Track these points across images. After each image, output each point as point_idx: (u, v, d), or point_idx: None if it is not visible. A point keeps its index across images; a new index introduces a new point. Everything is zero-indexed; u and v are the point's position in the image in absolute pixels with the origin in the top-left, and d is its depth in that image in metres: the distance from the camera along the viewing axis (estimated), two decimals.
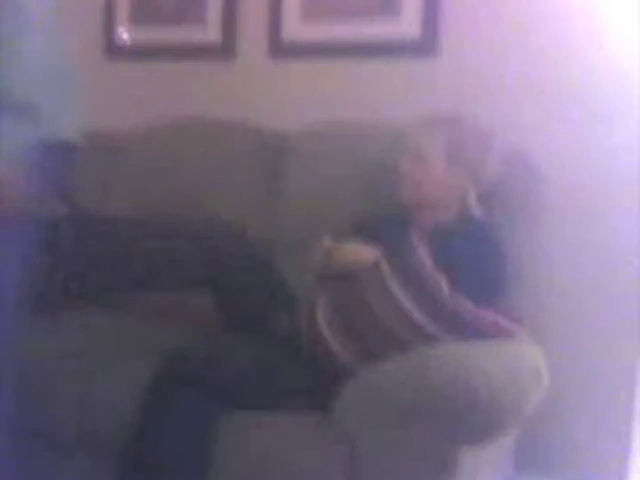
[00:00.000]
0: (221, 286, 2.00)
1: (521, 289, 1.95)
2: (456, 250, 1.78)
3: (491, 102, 2.19)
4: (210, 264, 1.99)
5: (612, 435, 2.11)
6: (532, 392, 1.60)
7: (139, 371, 1.77)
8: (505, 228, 1.95)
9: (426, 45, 2.32)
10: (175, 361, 1.73)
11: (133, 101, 2.79)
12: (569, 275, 2.15)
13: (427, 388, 1.52)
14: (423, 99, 2.26)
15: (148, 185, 2.51)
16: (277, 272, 2.09)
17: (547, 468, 2.16)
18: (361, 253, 1.81)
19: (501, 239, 1.89)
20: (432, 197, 1.95)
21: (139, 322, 2.16)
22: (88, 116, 2.71)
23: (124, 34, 2.82)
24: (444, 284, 1.64)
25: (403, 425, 1.56)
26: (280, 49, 2.56)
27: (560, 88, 2.15)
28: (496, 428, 1.56)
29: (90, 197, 2.57)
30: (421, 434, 1.55)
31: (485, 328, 1.64)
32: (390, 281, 1.67)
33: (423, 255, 1.67)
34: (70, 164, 2.46)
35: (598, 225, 2.11)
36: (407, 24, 2.35)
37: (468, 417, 1.50)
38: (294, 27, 2.53)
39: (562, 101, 2.15)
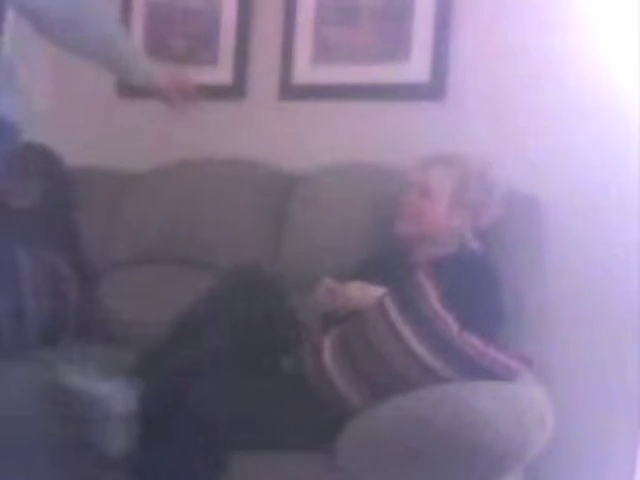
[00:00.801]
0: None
1: (521, 322, 1.95)
2: (456, 284, 1.78)
3: (496, 143, 2.21)
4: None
5: (617, 469, 2.08)
6: (536, 436, 1.58)
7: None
8: (503, 261, 1.96)
9: (434, 89, 2.35)
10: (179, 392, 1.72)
11: (142, 140, 2.81)
12: (570, 307, 2.15)
13: (430, 428, 1.50)
14: (430, 141, 2.28)
15: (157, 224, 2.53)
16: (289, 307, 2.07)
17: None
18: (365, 291, 1.81)
19: (498, 272, 1.89)
20: (431, 232, 1.97)
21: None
22: (97, 154, 2.77)
23: None
24: (451, 321, 1.63)
25: (406, 466, 1.54)
26: (290, 90, 2.59)
27: (564, 130, 2.17)
28: (498, 471, 1.54)
29: (97, 234, 2.59)
30: (424, 475, 1.54)
31: (491, 366, 1.63)
32: (396, 319, 1.66)
33: (429, 291, 1.67)
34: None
35: (598, 257, 2.12)
36: (416, 69, 2.38)
37: (471, 459, 1.49)
38: (305, 69, 2.56)
39: (566, 143, 2.17)
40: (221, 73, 2.70)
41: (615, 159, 2.11)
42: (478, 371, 1.62)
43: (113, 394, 1.65)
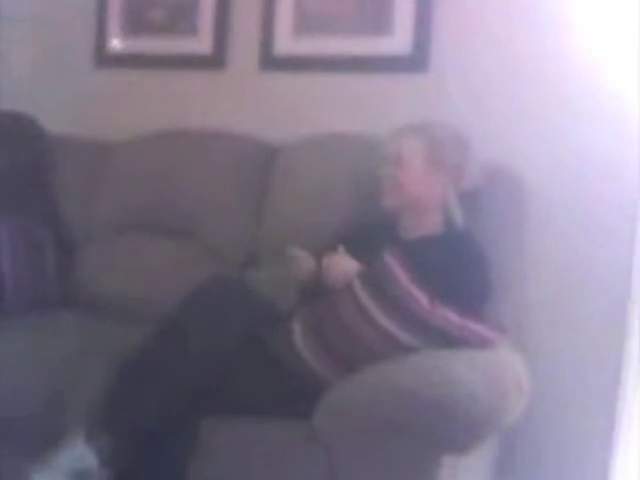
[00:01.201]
0: None
1: (504, 297, 1.96)
2: (439, 260, 1.81)
3: (477, 115, 2.21)
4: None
5: (594, 444, 2.11)
6: (514, 402, 1.61)
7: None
8: (488, 236, 1.97)
9: (416, 61, 2.34)
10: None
11: (121, 110, 2.79)
12: (552, 282, 2.16)
13: (407, 398, 1.52)
14: (411, 113, 2.26)
15: (134, 193, 2.51)
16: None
17: (529, 473, 2.16)
18: (344, 265, 1.84)
19: (483, 248, 1.91)
20: (413, 201, 1.98)
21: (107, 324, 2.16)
22: (77, 122, 2.74)
23: (115, 43, 2.83)
24: (422, 297, 1.65)
25: (382, 434, 1.56)
26: (271, 61, 2.57)
27: (545, 102, 2.18)
28: (477, 438, 1.55)
29: (75, 202, 2.57)
30: (400, 443, 1.56)
31: (468, 338, 1.65)
32: (363, 297, 1.68)
33: (397, 271, 1.69)
34: None
35: (581, 233, 2.13)
36: (398, 41, 2.37)
37: (449, 427, 1.50)
38: (286, 40, 2.54)
39: (547, 114, 2.17)
40: (201, 43, 2.68)
41: (597, 139, 2.12)
42: (451, 341, 1.64)
43: None
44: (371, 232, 2.02)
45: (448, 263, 1.81)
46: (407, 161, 1.97)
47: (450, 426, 1.50)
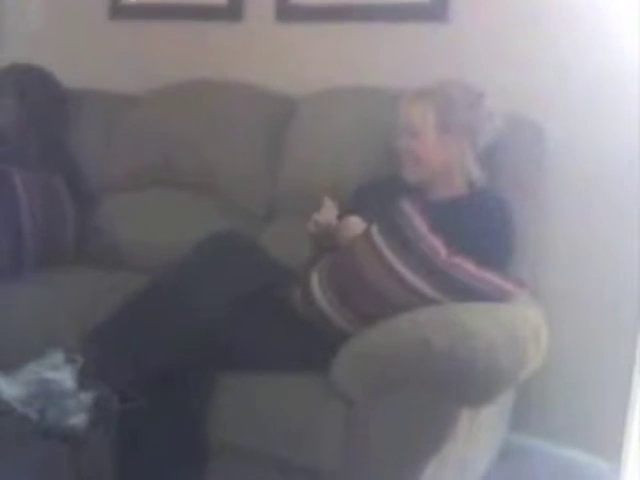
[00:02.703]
0: None
1: (525, 252, 1.95)
2: (464, 221, 1.79)
3: (498, 65, 2.17)
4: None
5: (610, 398, 2.12)
6: (531, 355, 1.60)
7: None
8: (508, 187, 1.94)
9: (436, 10, 2.29)
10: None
11: (137, 61, 2.77)
12: (573, 238, 2.15)
13: (425, 350, 1.51)
14: (431, 64, 2.25)
15: (152, 146, 2.50)
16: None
17: (543, 429, 2.18)
18: (354, 228, 1.81)
19: (507, 207, 1.88)
20: (433, 169, 1.94)
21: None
22: (92, 75, 2.73)
23: None
24: (440, 246, 1.63)
25: (400, 386, 1.57)
26: (287, 11, 2.53)
27: (567, 53, 2.13)
28: (494, 390, 1.56)
29: (92, 155, 2.57)
30: (419, 395, 1.56)
31: (486, 290, 1.64)
32: (381, 246, 1.66)
33: (416, 220, 1.66)
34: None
35: (602, 187, 2.11)
36: None
37: (467, 379, 1.50)
38: None
39: (568, 65, 2.13)
40: None
41: (617, 89, 2.08)
42: (469, 293, 1.63)
43: None
44: (392, 188, 1.97)
45: (473, 224, 1.78)
46: (419, 131, 1.92)
47: (468, 378, 1.50)
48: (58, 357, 1.62)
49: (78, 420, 1.56)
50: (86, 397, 1.58)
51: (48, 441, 1.57)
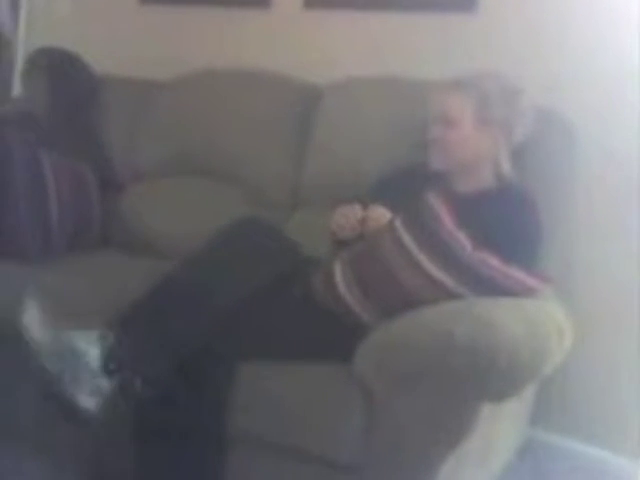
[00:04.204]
0: None
1: (551, 249, 1.92)
2: (491, 214, 1.77)
3: (528, 58, 2.15)
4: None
5: (631, 395, 2.10)
6: (553, 350, 1.58)
7: None
8: (536, 183, 1.92)
9: (465, 0, 2.27)
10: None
11: (165, 48, 2.78)
12: (600, 236, 2.13)
13: (448, 342, 1.50)
14: (460, 53, 2.23)
15: (179, 131, 2.51)
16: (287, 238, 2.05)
17: (565, 426, 2.17)
18: (380, 219, 1.78)
19: (535, 203, 1.86)
20: (464, 160, 1.92)
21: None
22: (120, 60, 2.74)
23: None
24: (465, 241, 1.62)
25: (422, 378, 1.56)
26: None
27: (601, 48, 2.10)
28: (516, 384, 1.54)
29: (120, 142, 2.58)
30: (440, 388, 1.55)
31: (511, 285, 1.62)
32: (406, 240, 1.65)
33: (442, 213, 1.65)
34: None
35: (630, 188, 2.08)
36: None
37: (488, 373, 1.49)
38: None
39: (599, 61, 2.10)
40: None
41: None
42: (493, 288, 1.61)
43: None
44: (416, 177, 1.97)
45: (498, 218, 1.76)
46: (455, 121, 1.89)
47: (490, 372, 1.48)
48: (93, 334, 1.62)
49: (89, 403, 1.57)
50: (104, 383, 1.59)
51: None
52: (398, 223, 1.68)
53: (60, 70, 2.54)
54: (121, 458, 1.75)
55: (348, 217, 1.82)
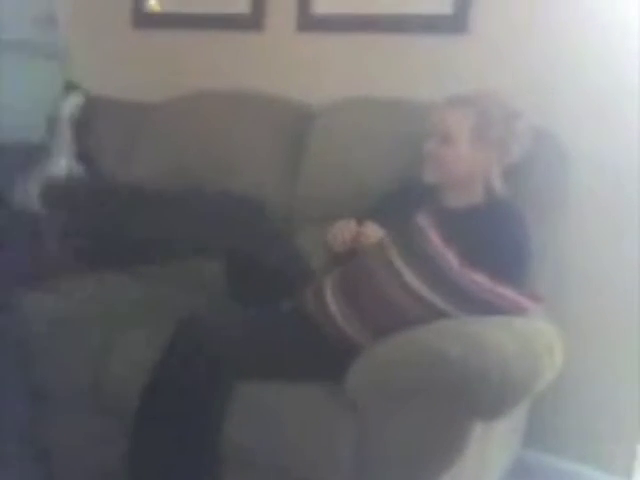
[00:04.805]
0: (233, 257, 2.01)
1: (543, 267, 1.93)
2: (480, 229, 1.78)
3: (518, 78, 2.16)
4: (224, 234, 1.99)
5: (622, 415, 2.10)
6: (544, 369, 1.59)
7: (155, 335, 1.79)
8: (528, 202, 1.93)
9: (457, 21, 2.30)
10: (185, 328, 1.73)
11: (159, 70, 2.79)
12: (591, 255, 2.13)
13: (439, 364, 1.50)
14: (452, 75, 2.24)
15: (173, 153, 2.52)
16: (294, 247, 2.09)
17: (556, 446, 2.16)
18: (372, 235, 1.80)
19: (524, 219, 1.87)
20: (456, 176, 1.93)
21: (156, 287, 2.17)
22: (115, 83, 2.76)
23: (153, 2, 2.82)
24: (454, 260, 1.63)
25: (414, 397, 1.55)
26: (309, 21, 2.54)
27: (588, 67, 2.12)
28: (508, 402, 1.53)
29: (113, 163, 2.59)
30: (432, 407, 1.55)
31: (500, 304, 1.63)
32: (395, 259, 1.65)
33: (430, 233, 1.66)
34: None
35: (623, 206, 2.09)
36: (439, 0, 2.31)
37: (479, 394, 1.48)
38: (324, 0, 2.50)
39: (590, 79, 2.12)
40: (239, 3, 2.65)
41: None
42: (482, 306, 1.61)
43: None
44: (409, 196, 1.99)
45: (487, 234, 1.77)
46: (452, 137, 1.90)
47: (481, 390, 1.48)
48: None
49: None
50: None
51: None
52: (388, 242, 1.69)
53: None
54: (117, 470, 1.73)
55: (342, 231, 1.83)
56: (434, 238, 1.65)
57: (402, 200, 1.96)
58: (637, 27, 2.05)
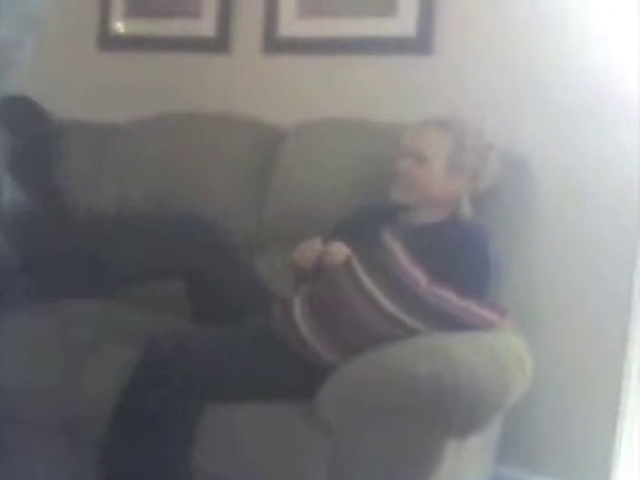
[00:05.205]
0: (192, 278, 2.03)
1: (511, 287, 1.95)
2: (443, 245, 1.79)
3: (483, 99, 2.19)
4: (183, 256, 2.02)
5: (598, 428, 2.11)
6: (516, 383, 1.60)
7: (120, 357, 1.78)
8: (497, 226, 1.95)
9: (421, 43, 2.33)
10: (149, 348, 1.72)
11: (125, 92, 2.78)
12: (559, 274, 2.15)
13: (410, 382, 1.51)
14: (417, 96, 2.27)
15: (139, 177, 2.50)
16: (251, 270, 2.10)
17: (530, 460, 2.16)
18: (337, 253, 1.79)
19: (488, 237, 1.88)
20: (427, 198, 1.94)
21: (120, 308, 2.15)
22: (80, 106, 2.74)
23: (118, 25, 2.82)
24: (421, 277, 1.64)
25: (386, 416, 1.55)
26: (275, 44, 2.56)
27: (554, 87, 2.15)
28: (480, 418, 1.54)
29: (80, 185, 2.56)
30: (404, 426, 1.55)
31: (468, 319, 1.64)
32: (363, 277, 1.66)
33: (396, 250, 1.67)
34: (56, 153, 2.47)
35: (589, 226, 2.12)
36: (403, 23, 2.35)
37: (452, 411, 1.49)
38: (289, 22, 2.53)
39: (555, 99, 2.15)
40: (204, 25, 2.67)
41: (610, 125, 2.09)
42: (450, 322, 1.63)
43: None
44: (375, 215, 1.99)
45: (455, 249, 1.79)
46: (429, 159, 1.91)
47: (454, 407, 1.49)
48: None
49: None
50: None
51: None
52: (355, 261, 1.69)
53: (25, 119, 2.53)
54: None
55: (308, 249, 1.83)
56: (401, 256, 1.66)
57: (368, 218, 1.97)
58: (602, 43, 2.09)
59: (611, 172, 2.09)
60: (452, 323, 1.63)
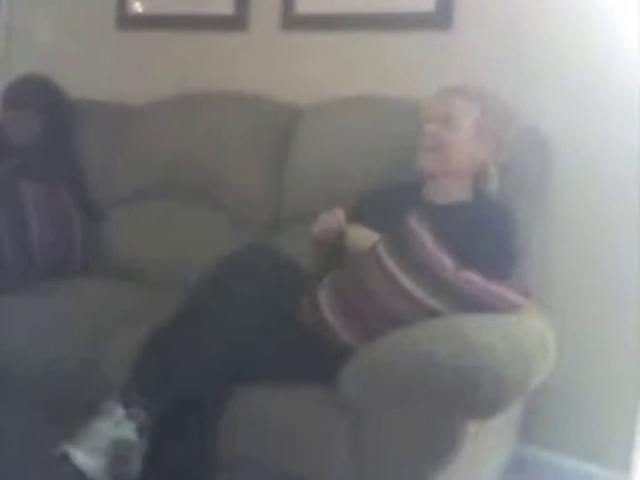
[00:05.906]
0: None
1: (531, 264, 1.94)
2: (467, 226, 1.78)
3: (502, 74, 2.16)
4: None
5: (618, 409, 2.10)
6: (538, 366, 1.58)
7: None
8: (517, 202, 1.93)
9: (440, 18, 2.29)
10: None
11: (144, 71, 2.78)
12: (578, 251, 2.13)
13: (431, 365, 1.50)
14: (436, 72, 2.24)
15: (157, 157, 2.51)
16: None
17: (552, 441, 2.16)
18: (365, 237, 1.79)
19: (512, 214, 1.87)
20: (456, 164, 1.91)
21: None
22: (99, 85, 2.74)
23: (136, 4, 2.80)
24: (447, 261, 1.63)
25: (407, 399, 1.56)
26: (293, 20, 2.53)
27: (574, 63, 2.12)
28: (501, 402, 1.53)
29: (98, 167, 2.58)
30: (425, 408, 1.55)
31: (493, 302, 1.63)
32: (388, 263, 1.65)
33: (422, 235, 1.65)
34: None
35: (611, 206, 2.09)
36: None
37: (472, 391, 1.48)
38: None
39: (574, 75, 2.12)
40: (222, 3, 2.64)
41: (625, 95, 2.05)
42: (476, 305, 1.61)
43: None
44: (396, 195, 1.97)
45: (476, 230, 1.77)
46: (457, 121, 1.89)
47: (474, 390, 1.48)
48: (119, 413, 1.58)
49: (138, 465, 1.58)
50: (143, 442, 1.59)
51: None
52: (381, 248, 1.68)
53: (45, 98, 2.54)
54: None
55: (330, 217, 1.83)
56: (427, 240, 1.65)
57: (388, 200, 1.95)
58: (620, 22, 2.05)
59: (632, 152, 2.05)
60: (477, 306, 1.62)
